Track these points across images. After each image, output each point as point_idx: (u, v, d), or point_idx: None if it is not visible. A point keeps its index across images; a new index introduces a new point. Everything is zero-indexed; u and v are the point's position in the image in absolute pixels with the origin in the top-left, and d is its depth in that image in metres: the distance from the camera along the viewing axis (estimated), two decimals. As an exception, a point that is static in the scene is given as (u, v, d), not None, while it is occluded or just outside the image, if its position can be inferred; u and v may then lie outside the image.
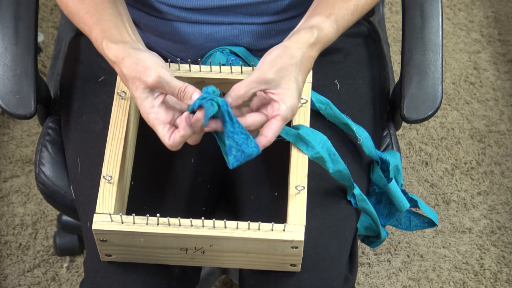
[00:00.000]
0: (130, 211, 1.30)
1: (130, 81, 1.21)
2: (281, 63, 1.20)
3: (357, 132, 1.34)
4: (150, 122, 1.21)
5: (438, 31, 1.46)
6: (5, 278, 1.92)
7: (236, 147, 1.20)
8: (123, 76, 1.22)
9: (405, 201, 1.36)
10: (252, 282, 1.32)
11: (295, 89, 1.20)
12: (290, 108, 1.20)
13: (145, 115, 1.21)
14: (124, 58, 1.21)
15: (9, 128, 2.12)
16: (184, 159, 1.39)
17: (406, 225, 1.42)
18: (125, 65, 1.21)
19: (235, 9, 1.36)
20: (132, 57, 1.21)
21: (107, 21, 1.27)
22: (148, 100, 1.20)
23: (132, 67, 1.20)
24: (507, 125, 2.15)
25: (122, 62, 1.21)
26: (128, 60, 1.21)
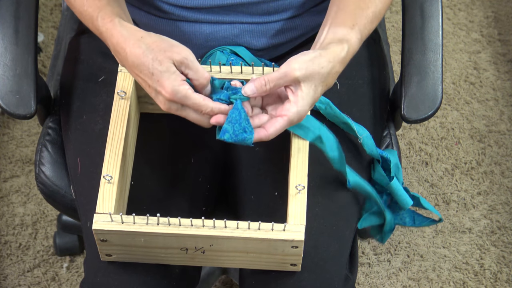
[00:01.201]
0: (130, 211, 1.30)
1: (151, 56, 1.19)
2: (311, 68, 1.20)
3: (358, 131, 1.34)
4: (181, 93, 1.19)
5: (438, 31, 1.46)
6: (5, 278, 1.92)
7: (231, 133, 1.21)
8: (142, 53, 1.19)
9: (408, 198, 1.36)
10: (252, 282, 1.32)
11: (311, 97, 1.21)
12: (298, 112, 1.20)
13: (175, 88, 1.18)
14: (143, 36, 1.21)
15: (9, 128, 2.12)
16: (184, 159, 1.39)
17: (411, 223, 1.42)
18: (146, 41, 1.20)
19: (235, 8, 1.36)
20: (153, 35, 1.21)
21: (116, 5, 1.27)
22: (177, 73, 1.19)
23: (156, 43, 1.20)
24: (507, 125, 2.15)
25: (141, 39, 1.20)
26: (149, 37, 1.20)
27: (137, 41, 1.20)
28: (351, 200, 1.35)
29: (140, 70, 1.20)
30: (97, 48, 1.46)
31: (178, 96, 1.19)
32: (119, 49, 1.22)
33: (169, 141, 1.39)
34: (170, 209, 1.33)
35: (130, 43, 1.21)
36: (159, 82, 1.19)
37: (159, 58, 1.19)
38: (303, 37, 1.44)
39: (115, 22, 1.23)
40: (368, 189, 1.33)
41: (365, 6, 1.29)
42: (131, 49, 1.20)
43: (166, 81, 1.18)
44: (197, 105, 1.20)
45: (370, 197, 1.34)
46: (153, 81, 1.19)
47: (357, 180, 1.32)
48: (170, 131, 1.40)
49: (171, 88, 1.18)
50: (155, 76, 1.19)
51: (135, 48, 1.20)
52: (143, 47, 1.19)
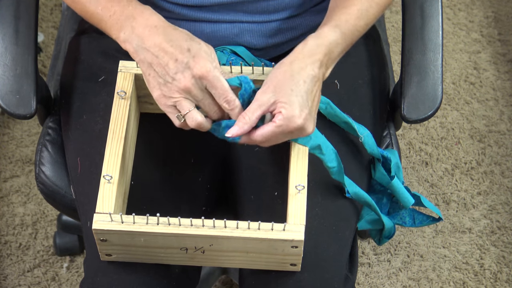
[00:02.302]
0: (130, 210, 1.30)
1: (190, 37, 1.22)
2: (275, 81, 1.22)
3: (358, 130, 1.34)
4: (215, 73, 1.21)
5: (438, 31, 1.46)
6: (5, 278, 1.92)
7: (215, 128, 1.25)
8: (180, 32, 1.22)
9: (409, 197, 1.36)
10: (252, 282, 1.32)
11: (295, 101, 1.21)
12: (286, 118, 1.20)
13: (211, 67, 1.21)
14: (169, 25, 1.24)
15: (9, 128, 2.12)
16: (184, 159, 1.39)
17: (411, 223, 1.42)
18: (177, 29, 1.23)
19: (235, 7, 1.36)
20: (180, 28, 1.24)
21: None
22: (216, 59, 1.22)
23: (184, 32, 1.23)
24: (507, 125, 2.15)
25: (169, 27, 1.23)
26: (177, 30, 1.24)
27: (172, 25, 1.24)
28: (351, 200, 1.35)
29: (172, 45, 1.22)
30: (97, 48, 1.46)
31: (212, 74, 1.21)
32: (148, 26, 1.23)
33: (169, 141, 1.39)
34: (170, 209, 1.33)
35: (165, 24, 1.24)
36: (195, 58, 1.21)
37: (197, 40, 1.22)
38: (303, 36, 1.44)
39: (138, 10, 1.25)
40: (367, 199, 1.33)
41: (349, 4, 1.30)
42: (167, 28, 1.23)
43: (202, 59, 1.21)
44: (224, 90, 1.22)
45: (369, 207, 1.35)
46: (188, 56, 1.21)
47: (356, 190, 1.32)
48: (170, 131, 1.39)
49: (208, 66, 1.21)
50: (191, 52, 1.21)
51: (172, 28, 1.23)
52: (179, 30, 1.23)
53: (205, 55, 1.21)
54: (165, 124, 1.39)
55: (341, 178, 1.30)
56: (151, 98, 1.29)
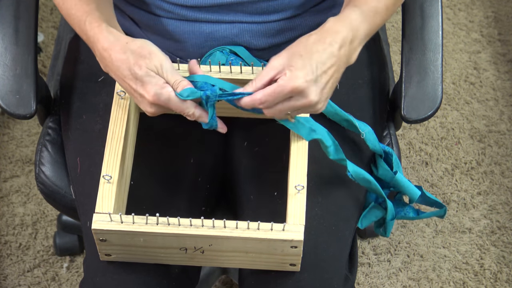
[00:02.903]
0: (129, 210, 1.30)
1: (133, 62, 1.20)
2: (290, 49, 1.20)
3: (360, 127, 1.33)
4: (164, 96, 1.20)
5: (438, 31, 1.46)
6: (5, 278, 1.92)
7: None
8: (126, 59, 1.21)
9: (415, 189, 1.36)
10: (252, 282, 1.32)
11: (301, 64, 1.18)
12: (288, 77, 1.17)
13: (157, 91, 1.20)
14: (128, 42, 1.22)
15: (9, 128, 2.12)
16: (184, 159, 1.39)
17: (415, 215, 1.42)
18: (131, 47, 1.21)
19: (235, 7, 1.36)
20: (138, 41, 1.22)
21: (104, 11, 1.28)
22: (158, 78, 1.20)
23: (138, 49, 1.21)
24: (507, 125, 2.15)
25: (126, 45, 1.21)
26: (134, 43, 1.21)
27: (122, 47, 1.21)
28: (351, 200, 1.35)
29: (124, 76, 1.21)
30: (97, 48, 1.46)
31: (161, 99, 1.20)
32: (105, 54, 1.23)
33: (168, 141, 1.39)
34: (169, 209, 1.33)
35: (116, 48, 1.22)
36: (143, 87, 1.20)
37: (139, 63, 1.20)
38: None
39: (102, 27, 1.24)
40: (368, 178, 1.32)
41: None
42: (116, 54, 1.21)
43: (148, 85, 1.20)
44: (180, 108, 1.21)
45: (370, 186, 1.33)
46: (137, 85, 1.21)
47: (356, 169, 1.31)
48: (169, 131, 1.40)
49: (154, 91, 1.19)
50: (138, 80, 1.20)
51: (120, 53, 1.21)
52: (127, 53, 1.21)
53: (148, 79, 1.20)
54: (164, 124, 1.39)
55: (340, 155, 1.29)
56: None
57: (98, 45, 1.24)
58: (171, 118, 1.37)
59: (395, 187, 1.37)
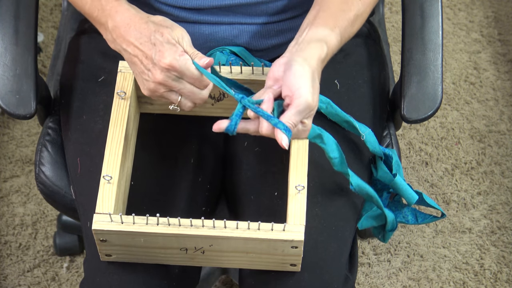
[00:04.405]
0: (130, 211, 1.30)
1: (154, 29, 1.22)
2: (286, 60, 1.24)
3: (360, 128, 1.34)
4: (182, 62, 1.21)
5: (438, 31, 1.46)
6: (5, 278, 1.92)
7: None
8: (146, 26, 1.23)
9: (413, 193, 1.36)
10: (252, 282, 1.32)
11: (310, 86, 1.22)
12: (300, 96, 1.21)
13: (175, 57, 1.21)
14: (149, 16, 1.25)
15: (9, 128, 2.12)
16: (184, 159, 1.39)
17: (413, 221, 1.42)
18: (152, 19, 1.24)
19: (234, 9, 1.36)
20: (159, 16, 1.25)
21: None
22: (178, 46, 1.22)
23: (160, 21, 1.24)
24: (507, 125, 2.15)
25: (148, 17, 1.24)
26: (155, 17, 1.25)
27: (144, 17, 1.24)
28: (351, 200, 1.35)
29: (141, 42, 1.23)
30: (97, 48, 1.46)
31: (179, 64, 1.21)
32: (123, 25, 1.25)
33: (168, 141, 1.39)
34: (169, 209, 1.33)
35: (136, 18, 1.24)
36: (160, 52, 1.21)
37: (161, 31, 1.22)
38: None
39: (122, 1, 1.26)
40: (369, 192, 1.33)
41: (348, 9, 1.30)
42: (137, 23, 1.24)
43: (167, 51, 1.21)
44: (195, 76, 1.22)
45: (371, 200, 1.34)
46: (154, 51, 1.22)
47: (359, 182, 1.32)
48: (170, 131, 1.40)
49: (172, 57, 1.21)
50: (157, 46, 1.22)
51: (142, 23, 1.24)
52: (149, 23, 1.23)
53: (168, 46, 1.21)
54: (164, 124, 1.39)
55: (344, 169, 1.30)
56: (150, 98, 1.29)
57: (115, 16, 1.25)
58: (171, 118, 1.37)
59: (394, 189, 1.37)
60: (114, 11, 1.26)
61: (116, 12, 1.25)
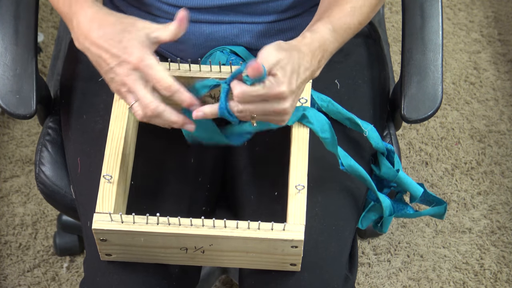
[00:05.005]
0: (130, 210, 1.30)
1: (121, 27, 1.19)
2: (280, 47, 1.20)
3: (362, 125, 1.33)
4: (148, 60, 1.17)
5: (438, 31, 1.46)
6: (5, 278, 1.92)
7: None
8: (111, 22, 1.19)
9: (418, 186, 1.36)
10: (252, 282, 1.32)
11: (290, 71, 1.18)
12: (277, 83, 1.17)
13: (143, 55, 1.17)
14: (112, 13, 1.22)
15: (9, 128, 2.12)
16: (184, 159, 1.39)
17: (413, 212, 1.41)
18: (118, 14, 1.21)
19: (235, 8, 1.36)
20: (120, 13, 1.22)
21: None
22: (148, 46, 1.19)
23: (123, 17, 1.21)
24: (507, 125, 2.15)
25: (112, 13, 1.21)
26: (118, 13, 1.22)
27: (109, 13, 1.22)
28: (351, 200, 1.35)
29: (106, 40, 1.20)
30: (97, 48, 1.46)
31: (144, 62, 1.17)
32: (87, 22, 1.22)
33: (169, 141, 1.39)
34: (170, 209, 1.33)
35: (101, 13, 1.21)
36: (127, 49, 1.18)
37: (129, 29, 1.19)
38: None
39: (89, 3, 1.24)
40: (361, 172, 1.32)
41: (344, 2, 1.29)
42: (102, 18, 1.21)
43: (134, 47, 1.17)
44: (157, 78, 1.17)
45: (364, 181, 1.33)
46: (119, 48, 1.18)
47: (351, 163, 1.30)
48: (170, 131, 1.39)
49: (140, 53, 1.17)
50: (123, 43, 1.18)
51: (107, 17, 1.21)
52: (113, 19, 1.20)
53: (136, 43, 1.18)
54: (165, 124, 1.39)
55: (334, 150, 1.29)
56: None
57: (80, 14, 1.23)
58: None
59: (398, 184, 1.37)
60: (79, 7, 1.23)
61: (81, 8, 1.23)
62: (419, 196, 1.36)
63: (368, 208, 1.38)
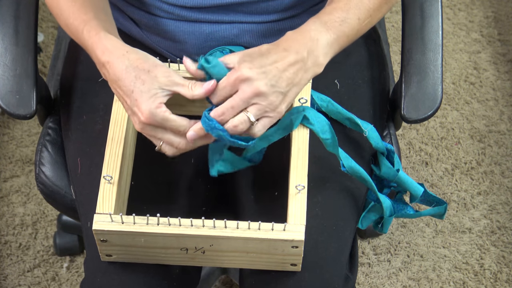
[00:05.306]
0: (130, 211, 1.30)
1: (134, 74, 1.19)
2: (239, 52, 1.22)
3: (362, 125, 1.33)
4: (159, 116, 1.18)
5: (438, 31, 1.46)
6: (5, 278, 1.92)
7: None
8: (125, 70, 1.19)
9: (418, 186, 1.36)
10: (253, 282, 1.32)
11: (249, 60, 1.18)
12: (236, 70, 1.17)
13: (152, 110, 1.18)
14: (128, 51, 1.20)
15: (9, 128, 2.12)
16: (184, 159, 1.39)
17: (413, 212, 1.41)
18: (130, 57, 1.20)
19: (235, 8, 1.36)
20: (138, 52, 1.21)
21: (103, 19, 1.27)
22: (157, 96, 1.18)
23: (139, 61, 1.19)
24: (507, 125, 2.15)
25: (126, 54, 1.20)
26: (134, 54, 1.20)
27: (121, 56, 1.20)
28: (351, 200, 1.35)
29: (120, 86, 1.20)
30: (97, 48, 1.46)
31: (156, 119, 1.19)
32: (104, 63, 1.22)
33: (169, 141, 1.39)
34: (170, 209, 1.33)
35: (114, 57, 1.21)
36: (137, 102, 1.19)
37: (142, 77, 1.18)
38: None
39: (101, 35, 1.23)
40: (362, 174, 1.32)
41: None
42: (114, 63, 1.20)
43: (144, 103, 1.18)
44: (176, 126, 1.19)
45: (364, 182, 1.33)
46: (131, 99, 1.19)
47: (352, 164, 1.30)
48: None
49: (148, 111, 1.18)
50: (134, 95, 1.19)
51: (119, 63, 1.20)
52: (126, 63, 1.19)
53: (146, 97, 1.18)
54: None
55: (335, 151, 1.29)
56: None
57: (97, 53, 1.23)
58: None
59: (398, 184, 1.37)
60: (95, 47, 1.23)
61: (97, 48, 1.23)
62: (419, 196, 1.36)
63: (368, 208, 1.38)
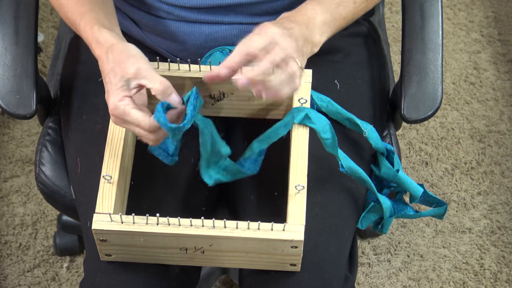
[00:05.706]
0: (130, 211, 1.30)
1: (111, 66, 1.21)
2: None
3: (362, 125, 1.33)
4: (120, 108, 1.20)
5: (438, 31, 1.46)
6: (5, 278, 1.92)
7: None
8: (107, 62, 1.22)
9: (418, 186, 1.36)
10: (252, 282, 1.32)
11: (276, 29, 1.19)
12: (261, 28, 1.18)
13: (115, 103, 1.20)
14: (113, 44, 1.23)
15: (9, 128, 2.13)
16: (184, 159, 1.39)
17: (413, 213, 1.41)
18: (113, 50, 1.22)
19: (235, 9, 1.36)
20: (121, 45, 1.23)
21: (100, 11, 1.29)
22: (122, 89, 1.20)
23: (118, 53, 1.21)
24: (507, 125, 2.15)
25: (111, 47, 1.22)
26: (117, 46, 1.22)
27: (107, 49, 1.23)
28: (351, 200, 1.35)
29: (104, 78, 1.23)
30: (97, 48, 1.46)
31: (117, 111, 1.20)
32: (97, 57, 1.25)
33: (169, 141, 1.39)
34: (169, 209, 1.33)
35: (102, 50, 1.23)
36: (107, 94, 1.21)
37: (115, 70, 1.21)
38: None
39: (94, 29, 1.25)
40: (361, 174, 1.32)
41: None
42: (102, 57, 1.23)
43: (112, 95, 1.20)
44: (136, 120, 1.20)
45: (364, 183, 1.33)
46: (107, 91, 1.22)
47: (351, 165, 1.30)
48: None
49: (113, 103, 1.20)
50: (107, 86, 1.22)
51: (103, 55, 1.23)
52: (109, 56, 1.22)
53: (114, 89, 1.20)
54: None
55: (335, 151, 1.29)
56: (151, 98, 1.29)
57: (92, 45, 1.26)
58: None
59: (398, 184, 1.37)
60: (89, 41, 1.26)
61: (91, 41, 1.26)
62: (419, 196, 1.36)
63: (368, 208, 1.38)
